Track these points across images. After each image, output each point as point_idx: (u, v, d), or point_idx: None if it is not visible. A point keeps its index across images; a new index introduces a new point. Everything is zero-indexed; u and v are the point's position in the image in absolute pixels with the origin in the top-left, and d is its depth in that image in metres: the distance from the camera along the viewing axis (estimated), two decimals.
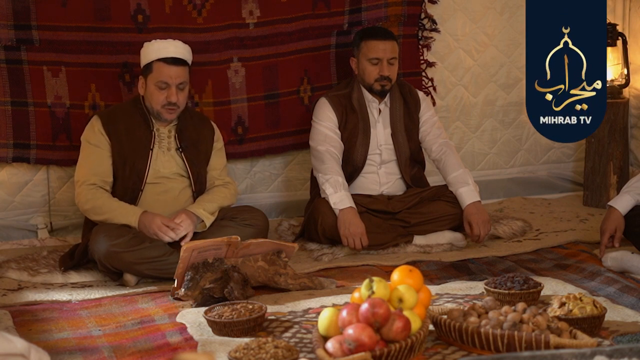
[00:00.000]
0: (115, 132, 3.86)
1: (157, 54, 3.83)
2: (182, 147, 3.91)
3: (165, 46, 3.85)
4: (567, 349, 2.32)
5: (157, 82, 3.82)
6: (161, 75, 3.81)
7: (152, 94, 3.84)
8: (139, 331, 3.12)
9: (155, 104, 3.84)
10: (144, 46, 3.89)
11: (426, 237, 4.16)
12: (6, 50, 4.20)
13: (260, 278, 3.54)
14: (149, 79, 3.84)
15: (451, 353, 2.77)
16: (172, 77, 3.82)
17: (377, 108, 4.29)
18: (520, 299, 3.14)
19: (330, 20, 4.63)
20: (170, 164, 3.91)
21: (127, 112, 3.92)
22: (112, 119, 3.89)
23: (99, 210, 3.77)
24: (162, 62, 3.82)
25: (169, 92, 3.82)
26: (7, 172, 4.36)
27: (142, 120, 3.89)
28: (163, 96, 3.82)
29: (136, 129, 3.88)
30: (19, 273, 3.82)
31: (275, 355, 2.62)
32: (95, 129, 3.87)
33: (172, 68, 3.82)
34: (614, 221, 3.72)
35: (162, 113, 3.85)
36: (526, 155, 5.17)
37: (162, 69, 3.82)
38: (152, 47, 3.85)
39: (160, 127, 3.92)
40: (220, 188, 3.99)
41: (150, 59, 3.84)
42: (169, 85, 3.81)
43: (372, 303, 2.61)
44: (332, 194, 4.05)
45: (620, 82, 4.91)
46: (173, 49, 3.85)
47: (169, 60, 3.82)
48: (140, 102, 3.91)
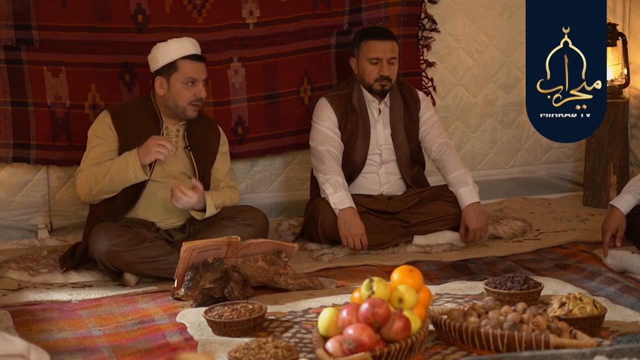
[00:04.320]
0: (123, 128, 3.84)
1: (182, 52, 3.83)
2: (191, 146, 3.91)
3: (186, 44, 3.86)
4: (567, 349, 2.31)
5: (185, 79, 3.82)
6: (189, 72, 3.82)
7: (178, 92, 3.83)
8: (139, 331, 3.12)
9: (182, 101, 3.84)
10: (160, 47, 3.86)
11: (426, 237, 4.16)
12: (6, 50, 4.20)
13: (260, 278, 3.54)
14: (174, 77, 3.83)
15: (451, 353, 2.77)
16: (199, 72, 3.84)
17: (377, 108, 4.29)
18: (520, 299, 3.14)
19: (330, 20, 4.63)
20: (177, 163, 3.91)
21: (137, 109, 3.91)
22: (122, 114, 3.88)
23: (98, 177, 3.71)
24: (188, 60, 3.83)
25: (196, 88, 3.83)
26: (7, 172, 4.37)
27: (151, 118, 3.89)
28: (190, 93, 3.83)
29: (145, 127, 3.87)
30: (19, 273, 3.82)
31: (275, 355, 2.62)
32: (104, 122, 3.85)
33: (198, 64, 3.85)
34: (615, 220, 3.72)
35: (188, 110, 3.86)
36: (526, 155, 5.17)
37: (189, 66, 3.83)
38: (173, 46, 3.85)
39: (169, 126, 3.92)
40: (226, 189, 4.00)
41: (174, 57, 3.83)
42: (197, 80, 3.83)
43: (372, 303, 2.61)
44: (332, 193, 4.05)
45: (620, 82, 4.91)
46: (193, 46, 3.88)
47: (193, 57, 3.84)
48: (151, 100, 3.91)
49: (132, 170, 3.71)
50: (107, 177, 3.72)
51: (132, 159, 3.71)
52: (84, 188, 3.78)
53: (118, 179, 3.73)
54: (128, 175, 3.72)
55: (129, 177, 3.73)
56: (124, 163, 3.72)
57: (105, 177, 3.72)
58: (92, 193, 3.77)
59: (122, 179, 3.73)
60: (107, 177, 3.72)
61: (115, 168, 3.72)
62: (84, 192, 3.79)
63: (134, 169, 3.71)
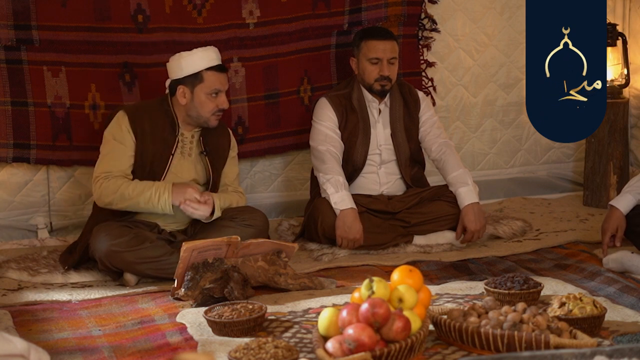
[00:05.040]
0: (141, 132, 3.82)
1: (207, 63, 3.82)
2: (207, 152, 3.91)
3: (210, 54, 3.84)
4: (567, 349, 2.31)
5: (210, 90, 3.81)
6: (214, 84, 3.81)
7: (202, 103, 3.81)
8: (139, 331, 3.12)
9: (206, 112, 3.82)
10: (184, 56, 3.82)
11: (426, 237, 4.16)
12: (6, 50, 4.20)
13: (260, 278, 3.54)
14: (199, 88, 3.81)
15: (451, 353, 2.77)
16: (223, 83, 3.85)
17: (377, 108, 4.29)
18: (520, 299, 3.14)
19: (330, 20, 4.63)
20: (189, 170, 3.90)
21: (154, 112, 3.87)
22: (139, 117, 3.84)
23: (126, 197, 3.72)
24: (213, 71, 3.82)
25: (220, 99, 3.83)
26: (7, 172, 4.36)
27: (167, 123, 3.87)
28: (214, 104, 3.82)
29: (161, 132, 3.85)
30: (19, 273, 3.82)
31: (275, 355, 2.62)
32: (122, 126, 3.81)
33: (222, 75, 3.85)
34: (615, 220, 3.72)
35: (211, 120, 3.85)
36: (526, 155, 5.17)
37: (214, 77, 3.82)
38: (198, 56, 3.82)
39: (184, 132, 3.90)
40: (233, 193, 4.00)
41: (199, 68, 3.81)
42: (221, 91, 3.83)
43: (372, 303, 2.61)
44: (333, 193, 4.06)
45: (620, 82, 4.91)
46: (216, 57, 3.86)
47: (218, 68, 3.84)
48: (169, 104, 3.88)
49: (161, 206, 3.72)
50: (134, 202, 3.73)
51: (165, 196, 3.71)
52: (105, 199, 3.76)
53: (144, 207, 3.74)
54: (156, 208, 3.73)
55: (155, 209, 3.74)
56: (155, 197, 3.71)
57: (131, 200, 3.72)
58: (112, 205, 3.77)
59: (149, 209, 3.74)
60: (133, 201, 3.72)
61: (144, 198, 3.71)
62: (103, 202, 3.77)
63: (163, 206, 3.72)
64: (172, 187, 3.73)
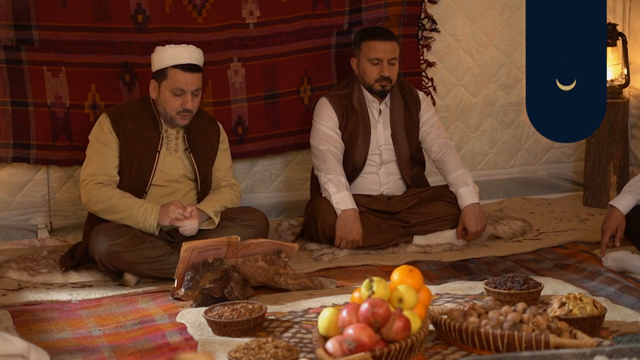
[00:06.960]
0: (124, 132, 3.83)
1: (173, 60, 3.79)
2: (191, 148, 3.91)
3: (181, 52, 3.81)
4: (567, 349, 2.32)
5: (172, 88, 3.79)
6: (177, 83, 3.79)
7: (166, 100, 3.81)
8: (139, 331, 3.12)
9: (170, 109, 3.82)
10: (158, 50, 3.85)
11: (426, 237, 4.17)
12: (6, 50, 4.20)
13: (260, 278, 3.54)
14: (164, 85, 3.81)
15: (451, 353, 2.77)
16: (188, 84, 3.79)
17: (378, 108, 4.29)
18: (520, 299, 3.14)
19: (330, 20, 4.63)
20: (177, 166, 3.90)
21: (136, 112, 3.89)
22: (121, 118, 3.85)
23: (114, 210, 3.73)
24: (177, 69, 3.79)
25: (184, 99, 3.79)
26: (7, 172, 4.36)
27: (150, 121, 3.88)
28: (178, 102, 3.80)
29: (144, 130, 3.86)
30: (19, 273, 3.82)
31: (275, 355, 2.62)
32: (105, 128, 3.83)
33: (188, 75, 3.80)
34: (615, 220, 3.72)
35: (177, 119, 3.83)
36: (526, 155, 5.17)
37: (178, 76, 3.79)
38: (166, 53, 3.81)
39: (168, 129, 3.90)
40: (227, 189, 3.99)
41: (165, 64, 3.80)
42: (185, 92, 3.79)
43: (372, 303, 2.61)
44: (334, 193, 4.06)
45: (620, 82, 4.91)
46: (188, 55, 3.82)
47: (184, 67, 3.79)
48: (150, 103, 3.89)
49: (146, 227, 3.72)
50: (120, 217, 3.72)
51: (151, 219, 3.70)
52: (93, 206, 3.77)
53: (130, 223, 3.72)
54: (140, 227, 3.72)
55: (140, 227, 3.73)
56: (141, 218, 3.71)
57: (118, 215, 3.72)
58: (99, 214, 3.78)
59: (134, 225, 3.73)
60: (120, 216, 3.72)
61: (132, 218, 3.71)
62: (91, 209, 3.79)
63: (148, 227, 3.72)
64: (160, 209, 3.72)
